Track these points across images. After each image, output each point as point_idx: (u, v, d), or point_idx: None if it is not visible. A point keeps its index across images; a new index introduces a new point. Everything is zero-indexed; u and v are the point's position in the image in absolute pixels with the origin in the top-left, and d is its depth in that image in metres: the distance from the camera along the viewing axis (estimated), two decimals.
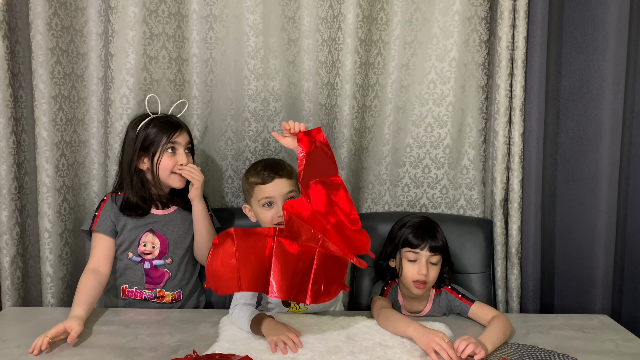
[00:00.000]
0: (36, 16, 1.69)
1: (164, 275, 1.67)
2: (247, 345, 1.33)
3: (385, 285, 1.63)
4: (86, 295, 1.51)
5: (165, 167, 1.63)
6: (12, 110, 1.70)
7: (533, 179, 1.78)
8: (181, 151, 1.66)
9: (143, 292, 1.66)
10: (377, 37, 1.89)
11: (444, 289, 1.60)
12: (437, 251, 1.53)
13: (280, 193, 1.55)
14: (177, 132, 1.65)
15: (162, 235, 1.67)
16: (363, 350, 1.31)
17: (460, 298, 1.56)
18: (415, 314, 1.61)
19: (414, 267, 1.52)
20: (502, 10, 1.73)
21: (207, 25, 1.86)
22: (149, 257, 1.66)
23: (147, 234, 1.66)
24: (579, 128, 1.84)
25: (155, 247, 1.66)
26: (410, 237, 1.53)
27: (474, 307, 1.52)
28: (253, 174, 1.60)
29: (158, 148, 1.63)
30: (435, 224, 1.58)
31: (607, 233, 1.82)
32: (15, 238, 1.72)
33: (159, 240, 1.66)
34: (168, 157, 1.64)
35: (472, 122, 1.93)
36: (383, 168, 1.99)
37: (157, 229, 1.67)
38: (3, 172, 1.69)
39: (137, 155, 1.64)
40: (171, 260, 1.67)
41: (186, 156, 1.67)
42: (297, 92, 1.92)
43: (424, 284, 1.51)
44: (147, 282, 1.66)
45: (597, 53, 1.79)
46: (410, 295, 1.59)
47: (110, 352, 1.31)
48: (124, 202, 1.65)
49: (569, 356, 1.31)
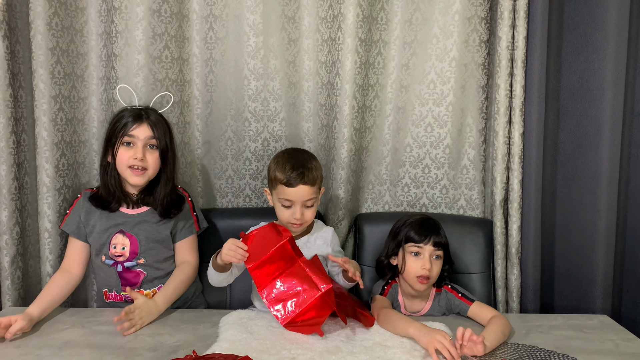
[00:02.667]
0: (36, 16, 1.69)
1: (138, 275, 1.64)
2: (246, 346, 1.33)
3: (385, 285, 1.63)
4: (48, 295, 1.55)
5: (119, 160, 1.59)
6: (12, 110, 1.69)
7: (533, 179, 1.78)
8: (139, 145, 1.58)
9: (122, 295, 1.64)
10: (377, 37, 1.89)
11: (444, 288, 1.60)
12: (440, 247, 1.55)
13: (301, 199, 1.55)
14: (134, 125, 1.58)
15: (133, 235, 1.63)
16: (363, 351, 1.31)
17: (460, 297, 1.56)
18: (415, 313, 1.61)
19: (418, 262, 1.53)
20: (502, 10, 1.73)
21: (207, 25, 1.87)
22: (120, 259, 1.63)
23: (117, 236, 1.63)
24: (579, 128, 1.84)
25: (125, 247, 1.62)
26: (414, 232, 1.56)
27: (473, 306, 1.53)
28: (280, 170, 1.57)
29: (117, 140, 1.59)
30: (437, 222, 1.60)
31: (607, 233, 1.82)
32: (15, 238, 1.72)
33: (129, 241, 1.63)
34: (124, 150, 1.59)
35: (472, 122, 1.93)
36: (383, 168, 1.99)
37: (127, 229, 1.63)
38: (3, 172, 1.68)
39: (105, 148, 1.64)
40: (144, 260, 1.63)
41: (147, 152, 1.59)
42: (297, 92, 1.92)
43: (427, 279, 1.52)
44: (123, 284, 1.64)
45: (597, 53, 1.79)
46: (411, 294, 1.59)
47: (110, 352, 1.31)
48: (94, 194, 1.66)
49: (569, 356, 1.31)
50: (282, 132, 1.95)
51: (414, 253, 1.55)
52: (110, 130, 1.63)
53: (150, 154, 1.61)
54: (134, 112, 1.63)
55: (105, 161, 1.64)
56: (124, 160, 1.59)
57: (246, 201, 2.00)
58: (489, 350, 1.32)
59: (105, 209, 1.64)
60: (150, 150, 1.61)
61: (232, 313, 1.55)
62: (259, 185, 1.98)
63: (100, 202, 1.64)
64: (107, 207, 1.64)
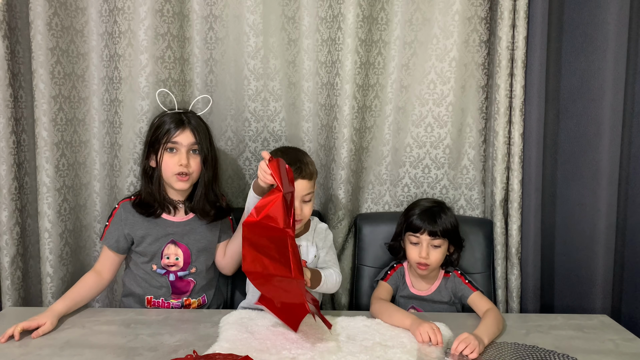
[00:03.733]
0: (36, 16, 1.69)
1: (189, 284, 1.66)
2: (247, 345, 1.33)
3: (389, 270, 1.70)
4: (77, 294, 1.55)
5: (165, 167, 1.59)
6: (12, 110, 1.70)
7: (533, 179, 1.78)
8: (183, 151, 1.58)
9: (170, 302, 1.65)
10: (377, 37, 1.89)
11: (454, 272, 1.67)
12: (437, 235, 1.61)
13: (300, 194, 1.53)
14: (177, 132, 1.58)
15: (184, 246, 1.64)
16: (363, 350, 1.31)
17: (466, 283, 1.65)
18: (421, 291, 1.68)
19: (416, 249, 1.62)
20: (502, 10, 1.73)
21: (207, 26, 1.87)
22: (173, 269, 1.64)
23: (169, 246, 1.63)
24: (579, 128, 1.85)
25: (178, 258, 1.64)
26: (412, 222, 1.64)
27: (475, 295, 1.61)
28: None
29: (160, 147, 1.59)
30: (440, 209, 1.66)
31: (607, 233, 1.82)
32: (15, 238, 1.72)
33: (182, 251, 1.64)
34: (169, 157, 1.59)
35: (472, 122, 1.93)
36: (383, 168, 1.99)
37: (178, 239, 1.64)
38: (3, 172, 1.69)
39: (148, 153, 1.63)
40: (195, 270, 1.66)
41: (190, 157, 1.60)
42: (297, 92, 1.92)
43: (425, 266, 1.61)
44: (173, 292, 1.65)
45: (597, 53, 1.79)
46: (418, 275, 1.68)
47: (110, 352, 1.31)
48: (137, 199, 1.64)
49: (569, 356, 1.31)
50: (282, 132, 1.95)
51: (413, 242, 1.64)
52: (153, 135, 1.62)
53: (193, 159, 1.61)
54: (175, 117, 1.62)
55: (149, 166, 1.64)
56: (170, 167, 1.58)
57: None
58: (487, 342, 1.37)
59: (150, 215, 1.62)
60: (193, 156, 1.62)
61: (232, 313, 1.55)
62: None
63: (144, 207, 1.62)
64: (152, 213, 1.62)
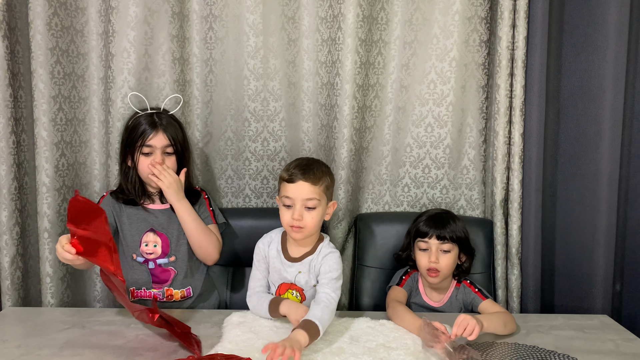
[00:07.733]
0: (36, 16, 1.69)
1: (170, 273, 1.68)
2: (250, 346, 1.32)
3: (403, 275, 1.69)
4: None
5: (141, 168, 1.63)
6: (12, 110, 1.69)
7: (533, 179, 1.78)
8: (157, 153, 1.63)
9: (151, 291, 1.67)
10: (377, 37, 1.89)
11: (464, 282, 1.65)
12: (447, 240, 1.59)
13: (300, 197, 1.47)
14: (151, 135, 1.62)
15: (163, 234, 1.67)
16: (366, 352, 1.31)
17: (476, 292, 1.62)
18: (434, 302, 1.66)
19: (425, 255, 1.60)
20: (502, 10, 1.73)
21: (207, 25, 1.86)
22: (152, 257, 1.66)
23: (147, 234, 1.66)
24: (579, 128, 1.85)
25: (157, 245, 1.67)
26: (420, 228, 1.63)
27: (485, 302, 1.58)
28: (285, 169, 1.54)
29: (135, 150, 1.63)
30: (449, 217, 1.65)
31: (607, 233, 1.82)
32: (15, 238, 1.72)
33: (161, 239, 1.67)
34: (145, 159, 1.63)
35: (472, 122, 1.93)
36: (383, 168, 1.99)
37: (158, 228, 1.67)
38: (3, 172, 1.68)
39: (124, 154, 1.67)
40: (175, 258, 1.68)
41: (165, 158, 1.64)
42: (297, 92, 1.92)
43: (436, 271, 1.58)
44: (154, 281, 1.67)
45: (597, 53, 1.79)
46: (429, 285, 1.65)
47: (110, 352, 1.31)
48: (118, 188, 1.69)
49: (569, 356, 1.32)
50: (282, 132, 1.94)
51: (422, 248, 1.61)
52: (127, 138, 1.65)
53: (168, 159, 1.65)
54: (148, 119, 1.65)
55: (126, 165, 1.67)
56: (146, 169, 1.63)
57: (246, 201, 2.00)
58: (486, 327, 1.36)
59: (131, 203, 1.67)
60: (168, 156, 1.66)
61: (235, 313, 1.54)
62: (258, 185, 1.98)
63: (126, 195, 1.67)
64: (133, 200, 1.67)
